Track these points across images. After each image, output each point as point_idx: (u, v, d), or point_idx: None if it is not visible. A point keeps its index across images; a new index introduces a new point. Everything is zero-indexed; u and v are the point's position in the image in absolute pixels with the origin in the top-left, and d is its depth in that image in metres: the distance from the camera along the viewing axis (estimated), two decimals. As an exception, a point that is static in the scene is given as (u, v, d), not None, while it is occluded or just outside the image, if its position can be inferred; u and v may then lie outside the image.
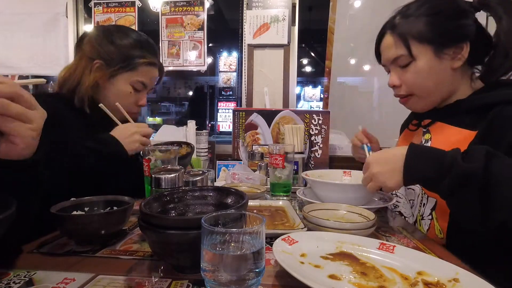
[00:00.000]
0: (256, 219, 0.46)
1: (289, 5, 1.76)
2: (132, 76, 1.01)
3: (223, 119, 6.19)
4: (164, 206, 0.59)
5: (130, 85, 1.02)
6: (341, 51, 1.81)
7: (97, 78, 0.98)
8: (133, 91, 1.02)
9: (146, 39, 1.06)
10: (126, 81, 1.01)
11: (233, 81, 3.61)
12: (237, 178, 1.16)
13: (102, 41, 1.00)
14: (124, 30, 1.05)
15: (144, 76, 1.03)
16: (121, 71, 0.99)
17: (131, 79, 1.01)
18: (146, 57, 1.02)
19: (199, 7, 1.88)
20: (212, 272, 0.40)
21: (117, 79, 1.00)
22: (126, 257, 0.58)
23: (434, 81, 0.83)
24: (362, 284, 0.47)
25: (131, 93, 1.02)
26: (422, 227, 0.85)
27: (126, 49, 1.00)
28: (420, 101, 0.88)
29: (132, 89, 1.02)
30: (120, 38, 1.01)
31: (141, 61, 1.01)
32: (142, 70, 1.02)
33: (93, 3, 1.95)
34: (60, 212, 0.62)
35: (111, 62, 0.98)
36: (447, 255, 0.61)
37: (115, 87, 1.01)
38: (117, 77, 1.00)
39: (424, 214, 0.85)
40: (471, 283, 0.45)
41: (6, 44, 1.93)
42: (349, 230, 0.64)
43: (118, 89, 1.01)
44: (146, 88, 1.06)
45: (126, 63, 0.99)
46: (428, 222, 0.83)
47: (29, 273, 0.51)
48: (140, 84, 1.03)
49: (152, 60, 1.04)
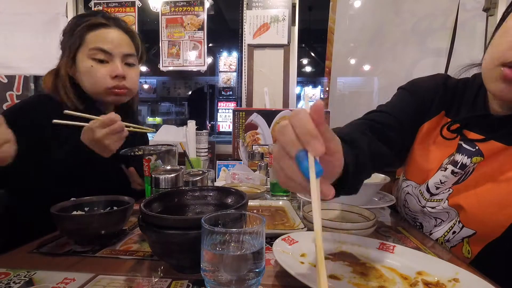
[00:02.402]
0: (256, 219, 0.46)
1: (289, 5, 1.76)
2: (84, 48, 0.92)
3: (223, 119, 6.19)
4: (164, 206, 0.59)
5: (88, 59, 0.92)
6: (341, 51, 1.81)
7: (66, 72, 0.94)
8: (95, 64, 0.92)
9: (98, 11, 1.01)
10: (83, 57, 0.92)
11: (233, 81, 3.61)
12: (237, 178, 1.16)
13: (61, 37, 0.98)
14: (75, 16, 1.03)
15: (96, 41, 0.92)
16: (74, 51, 0.92)
17: (85, 52, 0.92)
18: (85, 21, 0.92)
19: (199, 7, 1.88)
20: (212, 272, 0.40)
21: (77, 62, 0.93)
22: (126, 257, 0.58)
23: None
24: (362, 284, 0.47)
25: (93, 67, 0.92)
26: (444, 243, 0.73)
27: (70, 27, 0.94)
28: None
29: (92, 62, 0.92)
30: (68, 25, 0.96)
31: (83, 27, 0.91)
32: (90, 36, 0.92)
33: (93, 3, 1.95)
34: (60, 212, 0.62)
35: (65, 48, 0.95)
36: (447, 255, 0.61)
37: (79, 69, 0.93)
38: (76, 60, 0.93)
39: (451, 239, 0.72)
40: (471, 283, 0.45)
41: (6, 44, 1.93)
42: (349, 230, 0.64)
43: (81, 70, 0.93)
44: (111, 55, 0.93)
45: (72, 39, 0.92)
46: (456, 244, 0.71)
47: (29, 273, 0.50)
48: (98, 52, 0.91)
49: (96, 21, 0.93)
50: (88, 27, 0.91)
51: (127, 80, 0.97)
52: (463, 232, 0.69)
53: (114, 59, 0.94)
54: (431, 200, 0.76)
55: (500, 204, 0.64)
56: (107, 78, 0.93)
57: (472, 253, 0.68)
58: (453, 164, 0.71)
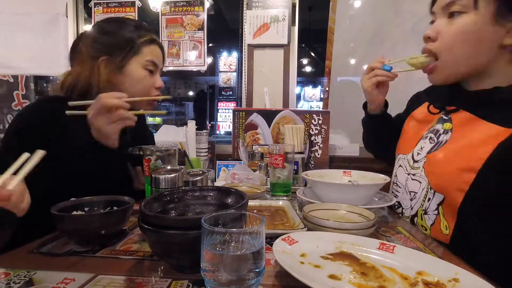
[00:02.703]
0: (256, 219, 0.46)
1: (289, 5, 1.76)
2: (140, 58, 0.99)
3: (223, 119, 6.19)
4: (164, 206, 0.59)
5: (142, 69, 0.99)
6: (341, 51, 1.81)
7: (109, 75, 0.95)
8: (147, 74, 1.00)
9: (139, 22, 1.05)
10: (137, 66, 0.99)
11: (233, 81, 3.61)
12: (237, 178, 1.16)
13: (99, 37, 0.97)
14: (115, 19, 1.05)
15: (151, 55, 1.01)
16: (128, 58, 0.97)
17: (141, 62, 0.99)
18: (145, 36, 1.00)
19: (199, 7, 1.88)
20: (212, 272, 0.40)
21: (128, 68, 0.98)
22: (126, 257, 0.58)
23: (474, 49, 0.73)
24: (362, 284, 0.47)
25: (146, 77, 1.00)
26: (424, 221, 0.81)
27: (124, 35, 0.98)
28: (444, 72, 0.78)
29: (146, 72, 1.00)
30: (114, 27, 0.99)
31: (143, 40, 0.99)
32: (147, 49, 1.00)
33: (93, 3, 1.95)
34: (60, 212, 0.62)
35: (116, 52, 0.96)
36: (447, 255, 0.61)
37: (130, 76, 0.98)
38: (127, 66, 0.98)
39: (428, 209, 0.80)
40: (471, 283, 0.45)
41: (6, 44, 1.93)
42: (349, 230, 0.64)
43: (133, 77, 0.98)
44: (157, 68, 1.04)
45: (130, 47, 0.97)
46: (433, 217, 0.78)
47: (29, 273, 0.51)
48: (151, 64, 1.01)
49: (152, 37, 1.02)
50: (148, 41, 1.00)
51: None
52: (435, 198, 0.77)
53: (157, 72, 1.05)
54: (413, 168, 0.87)
55: (460, 169, 0.71)
56: (153, 88, 1.04)
57: (449, 228, 0.74)
58: (431, 132, 0.85)
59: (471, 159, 0.70)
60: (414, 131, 0.94)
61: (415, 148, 0.89)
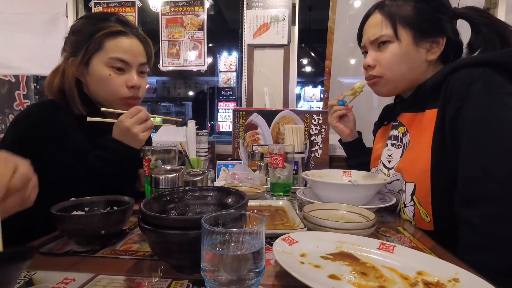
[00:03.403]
0: (256, 219, 0.46)
1: (289, 5, 1.76)
2: (102, 55, 0.90)
3: (223, 119, 6.19)
4: (164, 206, 0.59)
5: (106, 67, 0.90)
6: (341, 51, 1.81)
7: (74, 74, 0.91)
8: (113, 73, 0.91)
9: (112, 14, 0.96)
10: (100, 64, 0.90)
11: (233, 81, 3.61)
12: (237, 178, 1.16)
13: (68, 38, 0.94)
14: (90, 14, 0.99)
15: (116, 50, 0.90)
16: (89, 55, 0.89)
17: (103, 59, 0.90)
18: (107, 28, 0.90)
19: (199, 7, 1.88)
20: (212, 272, 0.40)
21: (91, 67, 0.91)
22: (126, 257, 0.58)
23: (407, 67, 0.88)
24: (362, 284, 0.47)
25: (111, 76, 0.91)
26: (406, 215, 0.86)
27: (86, 30, 0.91)
28: (387, 84, 0.92)
29: (111, 70, 0.91)
30: (82, 23, 0.93)
31: (103, 33, 0.89)
32: (110, 44, 0.90)
33: (93, 3, 1.94)
34: (60, 212, 0.62)
35: (77, 50, 0.90)
36: (447, 255, 0.61)
37: (93, 75, 0.91)
38: (90, 65, 0.90)
39: (406, 201, 0.86)
40: (471, 283, 0.45)
41: (6, 44, 1.93)
42: (349, 230, 0.64)
43: (96, 76, 0.91)
44: (129, 65, 0.93)
45: (89, 43, 0.89)
46: (412, 208, 0.84)
47: (29, 273, 0.51)
48: (117, 61, 0.91)
49: (118, 28, 0.91)
50: (108, 34, 0.90)
51: (140, 89, 0.98)
52: (408, 188, 0.85)
53: (131, 69, 0.94)
54: (389, 175, 0.96)
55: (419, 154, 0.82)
56: (124, 88, 0.93)
57: (428, 214, 0.80)
58: (390, 139, 0.98)
59: (423, 143, 0.82)
60: (378, 146, 1.06)
61: (381, 158, 1.01)
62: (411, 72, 0.89)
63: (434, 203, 0.79)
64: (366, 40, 0.94)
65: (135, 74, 0.95)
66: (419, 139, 0.85)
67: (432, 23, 0.85)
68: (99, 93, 0.94)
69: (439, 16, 0.86)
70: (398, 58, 0.87)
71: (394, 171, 0.93)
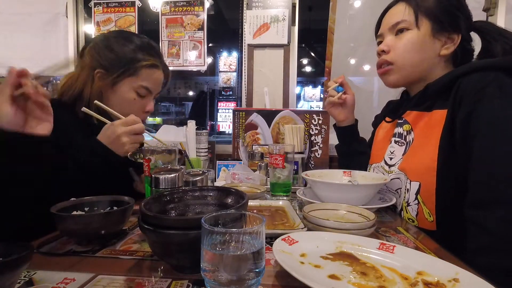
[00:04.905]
0: (256, 219, 0.46)
1: (289, 5, 1.76)
2: (134, 81, 0.99)
3: (223, 119, 6.19)
4: (164, 206, 0.59)
5: (133, 91, 0.99)
6: (341, 51, 1.81)
7: (100, 87, 0.97)
8: (137, 97, 1.00)
9: (147, 42, 1.03)
10: (129, 88, 0.99)
11: (233, 81, 3.61)
12: (237, 178, 1.16)
13: (102, 50, 0.99)
14: (124, 35, 1.03)
15: (147, 80, 1.00)
16: (122, 77, 0.97)
17: (133, 85, 0.99)
18: (146, 60, 0.99)
19: (199, 7, 1.88)
20: (212, 272, 0.40)
21: (119, 86, 0.98)
22: (126, 257, 0.58)
23: (420, 57, 0.90)
24: (362, 284, 0.47)
25: (135, 100, 1.00)
26: (410, 214, 0.87)
27: (125, 54, 0.98)
28: (397, 72, 0.94)
29: (136, 95, 1.00)
30: (119, 44, 0.99)
31: (142, 64, 0.99)
32: (144, 73, 1.00)
33: (93, 3, 1.95)
34: (60, 212, 0.62)
35: (112, 69, 0.97)
36: (447, 255, 0.61)
37: (118, 94, 0.99)
38: (119, 84, 0.98)
39: (409, 200, 0.87)
40: (471, 283, 0.45)
41: (6, 44, 1.93)
42: (349, 230, 0.64)
43: (121, 97, 0.99)
44: (151, 93, 1.04)
45: (126, 68, 0.97)
46: (416, 207, 0.85)
47: (29, 273, 0.50)
48: (143, 90, 1.01)
49: (154, 62, 1.01)
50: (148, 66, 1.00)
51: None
52: (413, 187, 0.85)
53: (151, 96, 1.05)
54: (389, 172, 0.97)
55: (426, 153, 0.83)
56: (141, 112, 1.03)
57: (431, 213, 0.81)
58: (394, 136, 0.98)
59: (430, 143, 0.82)
60: (382, 141, 1.06)
61: (385, 155, 1.01)
62: (422, 63, 0.90)
63: (438, 203, 0.79)
64: (385, 26, 0.96)
65: (152, 101, 1.07)
66: (425, 139, 0.86)
67: (450, 17, 0.88)
68: (116, 108, 0.97)
69: (457, 14, 0.88)
70: (414, 46, 0.89)
71: (398, 170, 0.93)
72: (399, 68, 0.93)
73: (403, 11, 0.91)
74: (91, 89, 0.96)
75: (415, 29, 0.89)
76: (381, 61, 0.96)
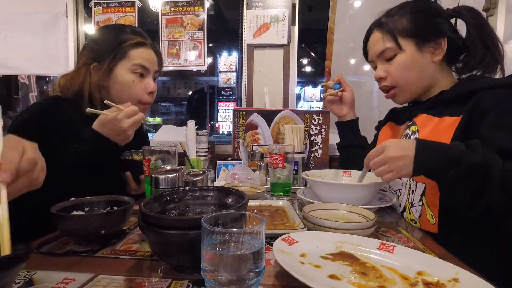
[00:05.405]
0: (256, 219, 0.46)
1: (289, 5, 1.76)
2: (127, 62, 1.00)
3: (223, 119, 6.19)
4: (164, 206, 0.59)
5: (130, 73, 1.00)
6: (341, 51, 1.81)
7: (98, 81, 0.99)
8: (136, 78, 1.01)
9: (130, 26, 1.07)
10: (124, 71, 1.00)
11: (233, 81, 3.61)
12: (237, 178, 1.16)
13: (91, 46, 1.03)
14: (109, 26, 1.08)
15: (139, 58, 1.01)
16: (114, 63, 0.99)
17: (128, 66, 1.00)
18: (131, 39, 1.01)
19: (199, 7, 1.88)
20: (212, 272, 0.40)
21: (115, 73, 1.00)
22: (126, 257, 0.58)
23: (417, 73, 0.91)
24: (362, 284, 0.47)
25: (135, 82, 1.01)
26: (412, 215, 0.87)
27: (111, 41, 1.00)
28: (404, 92, 0.96)
29: (134, 76, 1.01)
30: (104, 34, 1.04)
31: (128, 43, 1.00)
32: (134, 53, 1.01)
33: (93, 3, 1.94)
34: (60, 212, 0.62)
35: (103, 58, 0.99)
36: (447, 255, 0.61)
37: (118, 80, 1.00)
38: (115, 71, 0.99)
39: (413, 201, 0.87)
40: (471, 283, 0.45)
41: (6, 44, 1.93)
42: (349, 230, 0.64)
43: (121, 82, 1.00)
44: (148, 71, 1.04)
45: (115, 52, 0.99)
46: (419, 209, 0.85)
47: (29, 273, 0.51)
48: (140, 68, 1.01)
49: (140, 40, 1.02)
50: (133, 44, 1.01)
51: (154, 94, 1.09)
52: (418, 189, 0.86)
53: (149, 74, 1.05)
54: None
55: None
56: (144, 94, 1.04)
57: (434, 216, 0.81)
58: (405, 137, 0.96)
59: None
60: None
61: None
62: (422, 77, 0.92)
63: (441, 206, 0.80)
64: (372, 55, 0.98)
65: (152, 80, 1.07)
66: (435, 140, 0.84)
67: (431, 28, 0.89)
68: (121, 97, 1.00)
69: (436, 21, 0.89)
70: (407, 66, 0.91)
71: None
72: (403, 89, 0.95)
73: (381, 39, 0.93)
74: (90, 84, 0.98)
75: (401, 52, 0.90)
76: (383, 87, 0.99)
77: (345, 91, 1.21)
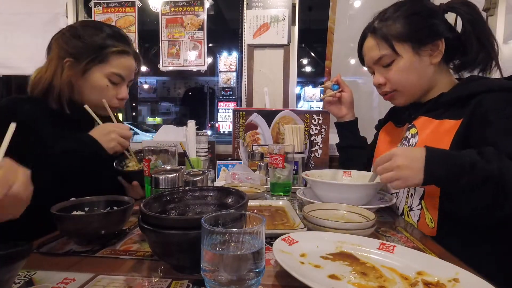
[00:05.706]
0: (256, 219, 0.46)
1: (289, 5, 1.76)
2: (105, 68, 0.97)
3: (223, 119, 6.19)
4: (164, 206, 0.59)
5: (105, 78, 0.98)
6: (341, 51, 1.81)
7: (70, 77, 0.95)
8: (109, 84, 0.99)
9: (116, 30, 1.03)
10: (100, 75, 0.97)
11: (233, 81, 3.61)
12: (237, 178, 1.16)
13: (69, 39, 0.97)
14: (91, 24, 1.03)
15: (118, 66, 0.99)
16: (92, 65, 0.96)
17: (105, 72, 0.97)
18: (116, 46, 0.98)
19: (199, 7, 1.88)
20: (212, 272, 0.40)
21: (90, 74, 0.97)
22: (126, 257, 0.58)
23: (416, 76, 0.90)
24: (362, 284, 0.47)
25: (108, 87, 0.99)
26: (411, 219, 0.87)
27: (94, 41, 0.96)
28: (403, 95, 0.94)
29: (108, 82, 0.99)
30: (87, 32, 0.98)
31: (112, 50, 0.97)
32: (115, 61, 0.98)
33: (93, 3, 1.94)
34: (60, 212, 0.62)
35: (81, 57, 0.95)
36: (447, 255, 0.61)
37: (90, 82, 0.97)
38: (90, 72, 0.96)
39: (412, 205, 0.87)
40: (471, 283, 0.45)
41: (6, 44, 1.93)
42: (349, 230, 0.64)
43: (93, 84, 0.97)
44: (124, 80, 1.02)
45: (96, 55, 0.96)
46: (418, 213, 0.85)
47: (29, 273, 0.51)
48: (116, 77, 0.99)
49: (124, 48, 1.00)
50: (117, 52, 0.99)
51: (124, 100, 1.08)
52: (417, 192, 0.86)
53: (124, 83, 1.04)
54: None
55: None
56: (114, 99, 1.03)
57: (433, 220, 0.81)
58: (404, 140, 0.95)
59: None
60: (389, 144, 1.05)
61: None
62: (421, 80, 0.91)
63: (440, 209, 0.79)
64: (369, 61, 0.97)
65: (125, 88, 1.05)
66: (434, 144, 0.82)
67: (426, 30, 0.87)
68: (90, 97, 0.99)
69: (432, 22, 0.87)
70: (405, 70, 0.89)
71: None
72: (402, 92, 0.94)
73: (376, 46, 0.91)
74: (60, 79, 0.95)
75: (398, 57, 0.89)
76: (382, 93, 0.97)
77: (343, 92, 1.19)
